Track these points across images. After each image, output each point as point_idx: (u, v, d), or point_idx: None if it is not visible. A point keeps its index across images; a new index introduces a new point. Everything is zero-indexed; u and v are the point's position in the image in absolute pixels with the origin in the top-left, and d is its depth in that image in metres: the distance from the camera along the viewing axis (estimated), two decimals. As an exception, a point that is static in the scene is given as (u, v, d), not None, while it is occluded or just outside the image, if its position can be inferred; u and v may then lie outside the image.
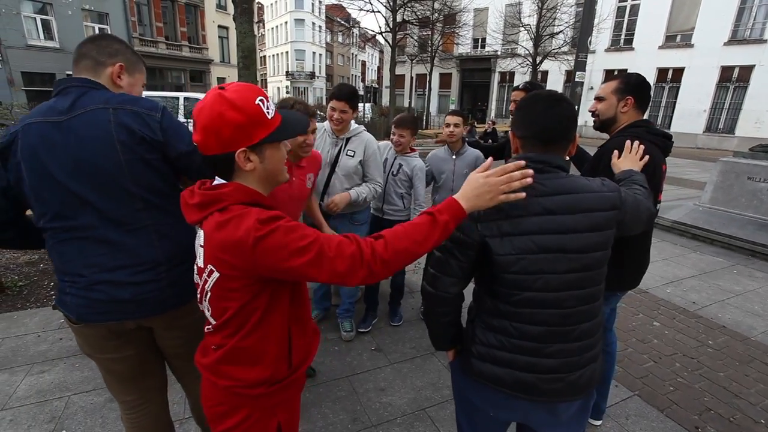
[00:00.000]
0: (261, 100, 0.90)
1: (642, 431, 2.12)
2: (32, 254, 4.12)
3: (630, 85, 1.75)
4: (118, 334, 1.29)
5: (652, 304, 3.50)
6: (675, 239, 5.31)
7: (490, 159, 1.08)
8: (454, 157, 2.87)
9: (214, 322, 0.98)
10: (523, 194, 0.97)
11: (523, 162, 1.01)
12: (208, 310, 0.98)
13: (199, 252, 0.96)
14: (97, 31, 19.67)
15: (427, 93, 24.36)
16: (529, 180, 0.97)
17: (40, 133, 1.12)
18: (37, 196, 1.15)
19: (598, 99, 1.82)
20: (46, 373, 2.39)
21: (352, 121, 2.55)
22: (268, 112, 0.91)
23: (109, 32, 19.90)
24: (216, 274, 0.90)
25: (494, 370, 1.11)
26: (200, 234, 0.96)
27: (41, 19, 17.99)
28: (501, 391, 1.12)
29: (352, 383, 2.41)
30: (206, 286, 0.94)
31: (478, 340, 1.14)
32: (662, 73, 18.61)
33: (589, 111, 1.88)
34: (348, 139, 2.52)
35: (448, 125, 2.81)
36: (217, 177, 0.99)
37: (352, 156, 2.50)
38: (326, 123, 2.54)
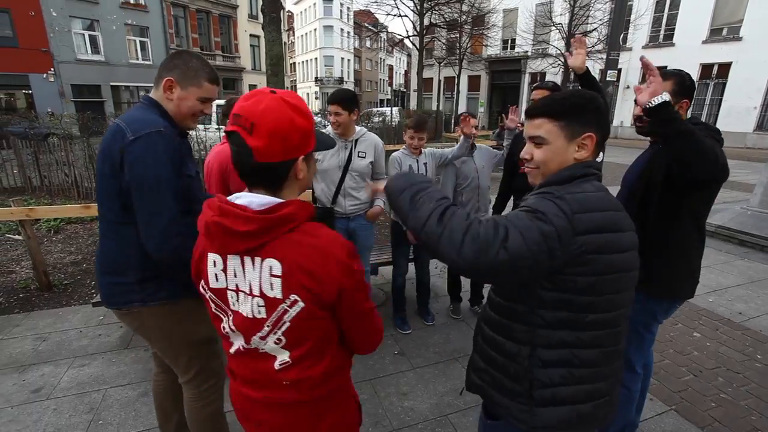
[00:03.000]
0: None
1: (679, 449, 1.99)
2: (77, 255, 4.40)
3: (686, 87, 1.57)
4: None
5: (692, 313, 3.29)
6: (720, 245, 4.98)
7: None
8: (473, 156, 2.92)
9: (287, 356, 0.90)
10: None
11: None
12: (278, 342, 0.88)
13: (265, 282, 0.84)
14: (138, 44, 20.89)
15: (455, 96, 24.14)
16: None
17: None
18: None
19: None
20: (86, 367, 2.53)
21: (356, 126, 2.64)
22: None
23: (149, 44, 21.08)
24: (300, 304, 0.83)
25: (560, 412, 1.00)
26: (257, 262, 0.84)
27: (89, 35, 19.26)
28: None
29: (374, 387, 2.40)
30: (285, 317, 0.85)
31: (539, 383, 0.99)
32: (706, 69, 17.56)
33: (636, 116, 1.62)
34: (356, 141, 2.61)
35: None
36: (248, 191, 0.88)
37: (364, 157, 2.61)
38: (328, 128, 2.61)
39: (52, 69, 17.87)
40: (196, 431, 1.62)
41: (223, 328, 0.94)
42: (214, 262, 0.88)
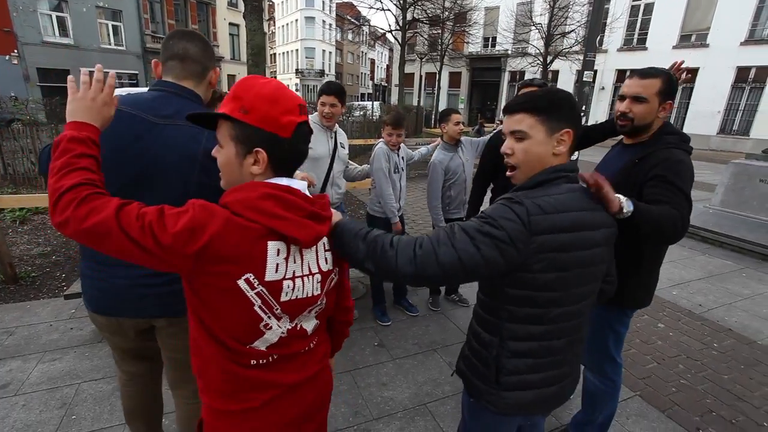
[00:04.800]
0: None
1: (642, 431, 2.11)
2: (45, 246, 4.23)
3: (672, 87, 1.51)
4: (129, 328, 1.36)
5: (657, 305, 3.47)
6: (683, 241, 5.24)
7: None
8: (457, 151, 3.00)
9: (316, 324, 0.98)
10: None
11: None
12: (318, 311, 0.97)
13: (321, 257, 0.93)
14: (110, 28, 19.99)
15: (436, 92, 24.27)
16: None
17: (131, 124, 1.16)
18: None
19: (637, 99, 1.53)
20: (58, 361, 2.46)
21: None
22: None
23: (122, 29, 20.23)
24: (336, 270, 0.99)
25: (524, 396, 1.10)
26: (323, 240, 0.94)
27: (56, 16, 18.29)
28: (530, 414, 1.18)
29: (354, 378, 2.44)
30: (330, 285, 0.97)
31: (505, 370, 1.08)
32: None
33: (619, 112, 1.59)
34: (336, 132, 2.71)
35: (457, 123, 2.95)
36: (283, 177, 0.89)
37: (344, 147, 2.78)
38: (314, 116, 2.60)
39: (16, 51, 16.90)
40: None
41: (265, 325, 0.85)
42: (278, 250, 0.82)
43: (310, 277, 0.89)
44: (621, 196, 1.19)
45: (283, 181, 0.86)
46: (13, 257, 3.68)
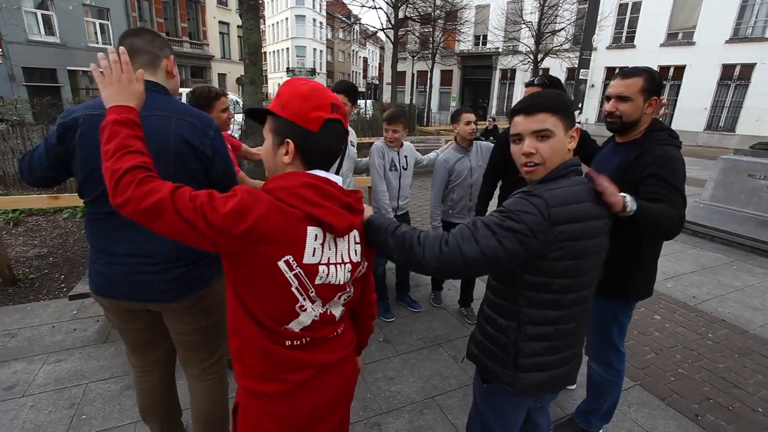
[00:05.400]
0: None
1: (644, 419, 2.18)
2: (41, 248, 4.18)
3: (655, 84, 1.56)
4: (128, 310, 1.44)
5: (653, 298, 3.53)
6: (675, 236, 5.37)
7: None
8: (468, 153, 2.88)
9: (343, 309, 1.03)
10: None
11: None
12: (347, 298, 1.01)
13: (352, 249, 0.98)
14: (98, 27, 19.66)
15: (428, 90, 24.33)
16: None
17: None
18: (85, 179, 1.28)
19: (622, 99, 1.59)
20: (63, 362, 2.45)
21: None
22: None
23: (110, 27, 19.93)
24: (365, 264, 1.04)
25: (540, 377, 1.16)
26: (351, 233, 0.98)
27: (42, 14, 17.92)
28: (542, 395, 1.24)
29: (362, 372, 2.46)
30: (358, 275, 1.03)
31: (523, 353, 1.14)
32: (663, 70, 18.59)
33: (607, 111, 1.65)
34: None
35: (468, 123, 2.81)
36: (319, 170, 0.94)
37: (353, 145, 2.82)
38: None
39: (0, 50, 16.55)
40: (220, 417, 1.63)
41: (300, 306, 0.90)
42: (316, 235, 0.88)
43: (342, 265, 0.95)
44: (627, 196, 1.24)
45: (321, 173, 0.92)
46: (10, 259, 3.63)
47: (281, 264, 0.84)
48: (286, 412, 0.95)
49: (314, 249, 0.88)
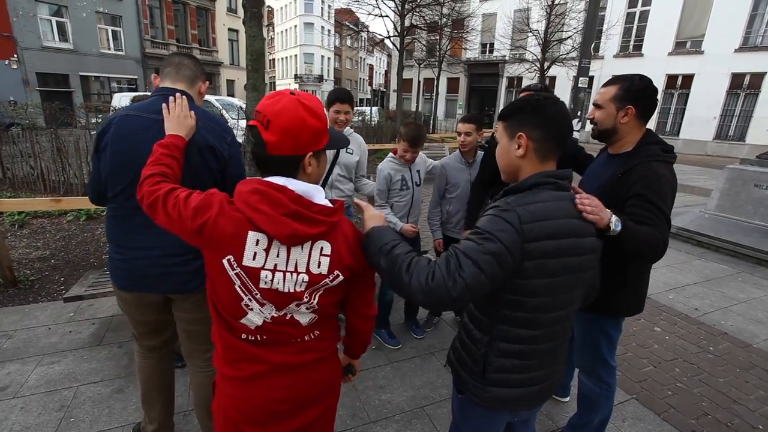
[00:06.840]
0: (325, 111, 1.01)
1: (638, 434, 2.13)
2: (44, 250, 4.23)
3: (631, 93, 1.53)
4: (148, 303, 1.58)
5: (653, 309, 3.50)
6: (679, 246, 5.29)
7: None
8: (470, 166, 2.73)
9: (311, 317, 1.01)
10: None
11: None
12: (309, 308, 0.99)
13: (314, 260, 0.94)
14: (110, 34, 20.11)
15: (434, 97, 24.40)
16: None
17: (140, 125, 1.41)
18: (113, 174, 1.42)
19: (596, 106, 1.63)
20: (56, 364, 2.46)
21: None
22: None
23: (122, 34, 20.36)
24: (341, 278, 0.98)
25: (509, 393, 1.14)
26: (306, 245, 0.94)
27: (56, 21, 18.37)
28: (515, 410, 1.21)
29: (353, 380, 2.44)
30: (323, 288, 0.97)
31: (492, 368, 1.12)
32: (672, 79, 18.47)
33: (587, 118, 1.70)
34: None
35: (459, 133, 2.67)
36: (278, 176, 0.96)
37: (352, 153, 2.69)
38: None
39: (15, 56, 16.97)
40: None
41: (246, 305, 0.95)
42: (257, 240, 0.90)
43: (295, 274, 0.94)
44: (613, 216, 1.23)
45: (278, 179, 0.93)
46: (12, 261, 3.68)
47: (224, 262, 0.92)
48: (244, 398, 1.03)
49: (255, 253, 0.91)
